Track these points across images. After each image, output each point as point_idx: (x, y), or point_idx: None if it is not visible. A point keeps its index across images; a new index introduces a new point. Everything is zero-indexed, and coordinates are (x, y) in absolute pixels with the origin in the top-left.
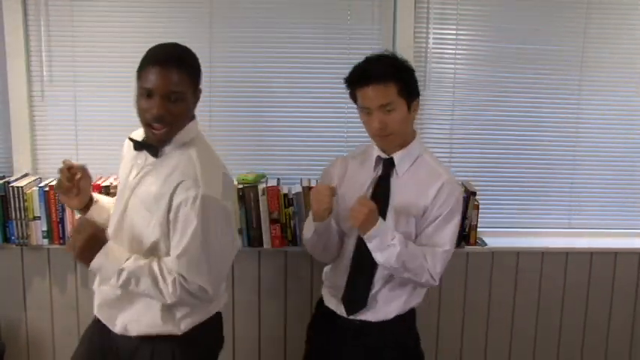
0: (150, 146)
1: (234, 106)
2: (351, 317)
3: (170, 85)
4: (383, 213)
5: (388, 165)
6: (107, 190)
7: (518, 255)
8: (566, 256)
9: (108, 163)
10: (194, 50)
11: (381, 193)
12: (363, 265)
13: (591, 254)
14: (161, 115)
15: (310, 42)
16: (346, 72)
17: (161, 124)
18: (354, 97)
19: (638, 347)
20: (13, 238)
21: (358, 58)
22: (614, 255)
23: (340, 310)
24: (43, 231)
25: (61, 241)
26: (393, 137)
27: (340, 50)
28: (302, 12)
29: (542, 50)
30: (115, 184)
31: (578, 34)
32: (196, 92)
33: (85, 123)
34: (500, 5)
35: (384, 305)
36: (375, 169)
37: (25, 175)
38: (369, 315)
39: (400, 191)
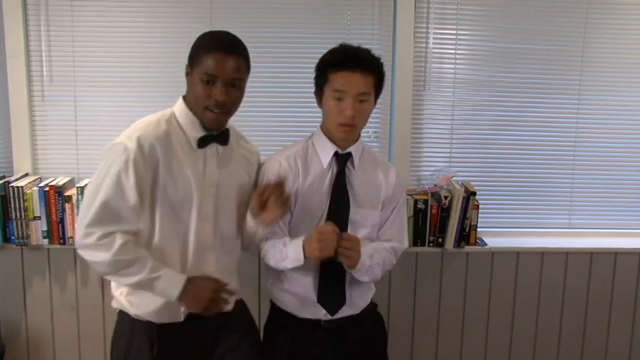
0: (218, 137)
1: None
2: (333, 317)
3: (233, 71)
4: (346, 209)
5: (343, 160)
6: None
7: (518, 255)
8: (566, 256)
9: None
10: None
11: (342, 190)
12: (334, 264)
13: (591, 254)
14: (224, 102)
15: (310, 42)
16: None
17: (221, 110)
18: (323, 80)
19: (638, 348)
20: (13, 238)
21: None
22: (614, 255)
23: (319, 314)
24: (43, 231)
25: (61, 241)
26: (356, 129)
27: None
28: (302, 12)
29: (542, 50)
30: None
31: (578, 34)
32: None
33: (85, 123)
34: (500, 5)
35: (360, 295)
36: (329, 165)
37: (25, 175)
38: (348, 310)
39: (359, 185)
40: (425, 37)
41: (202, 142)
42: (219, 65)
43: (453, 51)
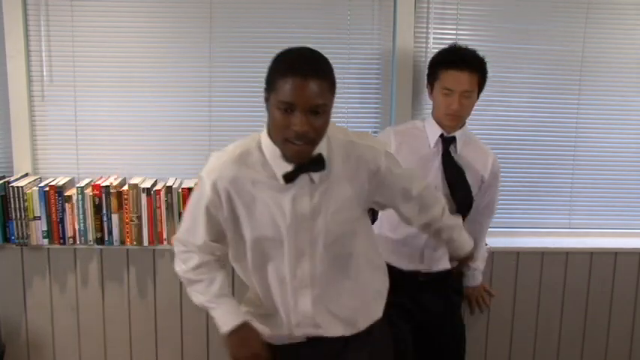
0: (309, 167)
1: (234, 106)
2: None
3: (314, 97)
4: (463, 182)
5: (448, 142)
6: (107, 190)
7: (518, 255)
8: (566, 256)
9: (108, 163)
10: (194, 50)
11: (452, 166)
12: None
13: (591, 254)
14: (305, 132)
15: (310, 42)
16: (346, 72)
17: (303, 141)
18: (434, 77)
19: (638, 348)
20: (13, 238)
21: (358, 58)
22: (614, 255)
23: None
24: (43, 231)
25: (61, 241)
26: (461, 119)
27: (340, 50)
28: (302, 12)
29: (542, 50)
30: (115, 183)
31: (578, 34)
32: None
33: (85, 123)
34: (500, 5)
35: None
36: (435, 145)
37: (25, 175)
38: None
39: (463, 164)
40: (425, 37)
41: (289, 178)
42: (295, 92)
43: None
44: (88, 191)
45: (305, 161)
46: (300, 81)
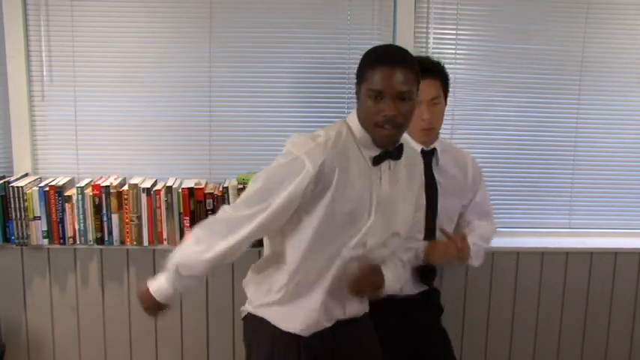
0: (392, 153)
1: (234, 106)
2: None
3: (400, 85)
4: (435, 201)
5: (429, 156)
6: (107, 190)
7: (518, 255)
8: (566, 256)
9: (108, 163)
10: (194, 50)
11: (431, 185)
12: None
13: (591, 254)
14: (393, 116)
15: (310, 42)
16: (346, 71)
17: (392, 125)
18: None
19: (638, 348)
20: (13, 238)
21: (358, 58)
22: (614, 255)
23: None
24: (43, 231)
25: (61, 241)
26: (434, 131)
27: (340, 50)
28: (302, 12)
29: (542, 50)
30: (115, 183)
31: (578, 34)
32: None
33: (85, 123)
34: (500, 5)
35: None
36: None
37: (25, 175)
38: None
39: (445, 175)
40: (425, 37)
41: (377, 161)
42: (384, 81)
43: (453, 51)
44: (88, 191)
45: (392, 147)
46: (387, 70)
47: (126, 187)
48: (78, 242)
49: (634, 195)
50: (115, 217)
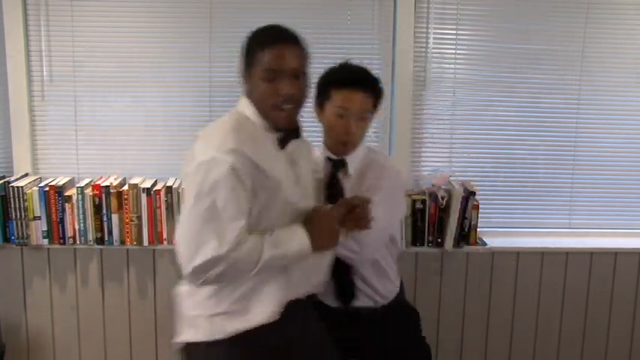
0: (295, 132)
1: (234, 106)
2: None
3: (293, 62)
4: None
5: (337, 166)
6: (107, 190)
7: (518, 255)
8: (566, 256)
9: (108, 163)
10: (194, 50)
11: (334, 196)
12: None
13: (591, 254)
14: (291, 94)
15: (310, 42)
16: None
17: (291, 104)
18: (326, 96)
19: (638, 348)
20: (13, 238)
21: (358, 58)
22: (614, 255)
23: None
24: (43, 231)
25: (61, 241)
26: (354, 145)
27: (340, 50)
28: (302, 12)
29: (542, 50)
30: (115, 183)
31: (578, 34)
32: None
33: (85, 123)
34: (500, 5)
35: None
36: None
37: (25, 175)
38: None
39: (354, 190)
40: (425, 37)
41: (283, 142)
42: (277, 59)
43: (453, 51)
44: (88, 191)
45: (292, 127)
46: (280, 49)
47: (126, 187)
48: (78, 242)
49: (634, 195)
50: (115, 217)
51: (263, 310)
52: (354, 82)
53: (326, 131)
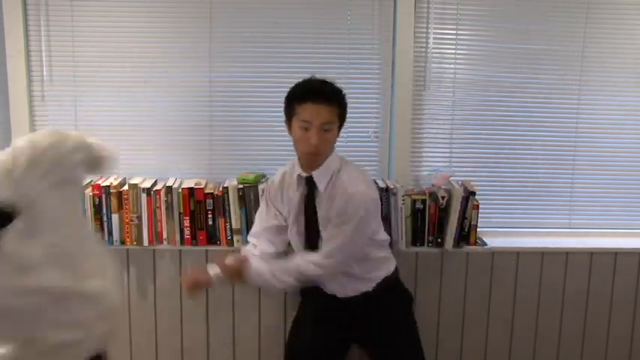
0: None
1: (234, 106)
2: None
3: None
4: (315, 225)
5: (310, 183)
6: (107, 190)
7: (518, 255)
8: (566, 256)
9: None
10: (194, 50)
11: (309, 209)
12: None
13: (591, 254)
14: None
15: (310, 42)
16: (347, 71)
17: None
18: (291, 112)
19: (638, 347)
20: None
21: (358, 58)
22: (614, 255)
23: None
24: None
25: None
26: (320, 156)
27: (340, 50)
28: (302, 12)
29: (542, 50)
30: (115, 183)
31: (578, 34)
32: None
33: (85, 123)
34: (500, 5)
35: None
36: (298, 187)
37: None
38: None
39: (321, 206)
40: (425, 37)
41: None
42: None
43: (453, 51)
44: (88, 191)
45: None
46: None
47: (126, 187)
48: None
49: (634, 195)
50: (115, 217)
51: None
52: (315, 96)
53: (294, 146)
